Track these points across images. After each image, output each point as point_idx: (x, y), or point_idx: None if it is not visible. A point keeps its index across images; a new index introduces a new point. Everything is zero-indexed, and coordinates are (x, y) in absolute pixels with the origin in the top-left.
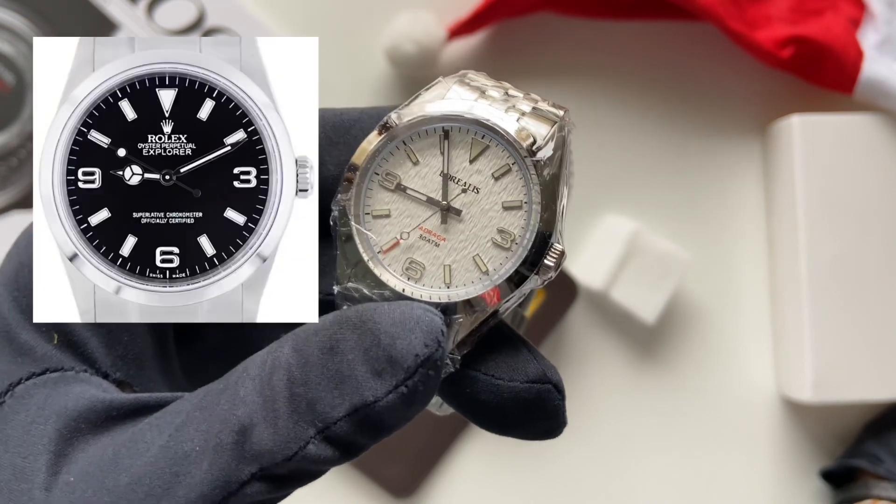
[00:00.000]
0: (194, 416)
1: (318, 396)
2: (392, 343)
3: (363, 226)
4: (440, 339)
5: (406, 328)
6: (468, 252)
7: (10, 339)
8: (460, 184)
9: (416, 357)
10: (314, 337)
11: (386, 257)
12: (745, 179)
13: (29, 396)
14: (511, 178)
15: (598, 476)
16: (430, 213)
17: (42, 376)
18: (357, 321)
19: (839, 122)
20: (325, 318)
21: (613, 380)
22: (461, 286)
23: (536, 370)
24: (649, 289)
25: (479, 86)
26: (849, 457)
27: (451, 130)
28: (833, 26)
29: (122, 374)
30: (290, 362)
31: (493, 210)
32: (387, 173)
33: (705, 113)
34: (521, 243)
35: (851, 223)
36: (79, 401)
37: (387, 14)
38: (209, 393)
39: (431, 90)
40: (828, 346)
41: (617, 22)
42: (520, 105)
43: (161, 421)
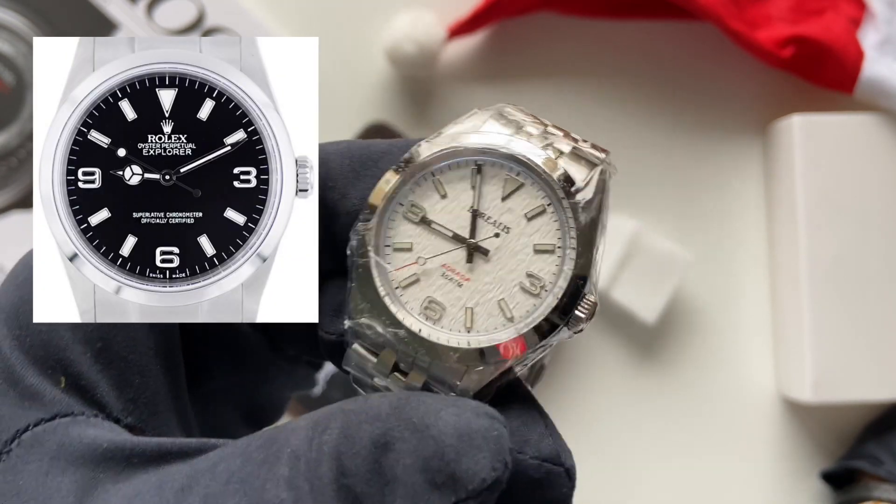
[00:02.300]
0: (234, 488)
1: (368, 492)
2: (457, 459)
3: (384, 258)
4: (507, 461)
5: (473, 444)
6: (493, 296)
7: (15, 383)
8: (490, 221)
9: (483, 481)
10: (367, 426)
11: (404, 294)
12: (745, 179)
13: (39, 444)
14: (545, 219)
15: (599, 476)
16: (455, 250)
17: (52, 422)
18: (419, 422)
19: (840, 122)
20: (381, 402)
21: (613, 380)
22: (483, 332)
23: (550, 449)
24: (650, 289)
25: (517, 120)
26: (849, 458)
27: (485, 165)
28: (833, 26)
29: (133, 418)
30: (339, 450)
31: (524, 252)
32: (412, 205)
33: (706, 113)
34: (550, 290)
35: (852, 223)
36: (96, 448)
37: (387, 14)
38: (247, 461)
39: (466, 121)
40: (828, 346)
41: (617, 22)
42: (558, 144)
43: (193, 482)
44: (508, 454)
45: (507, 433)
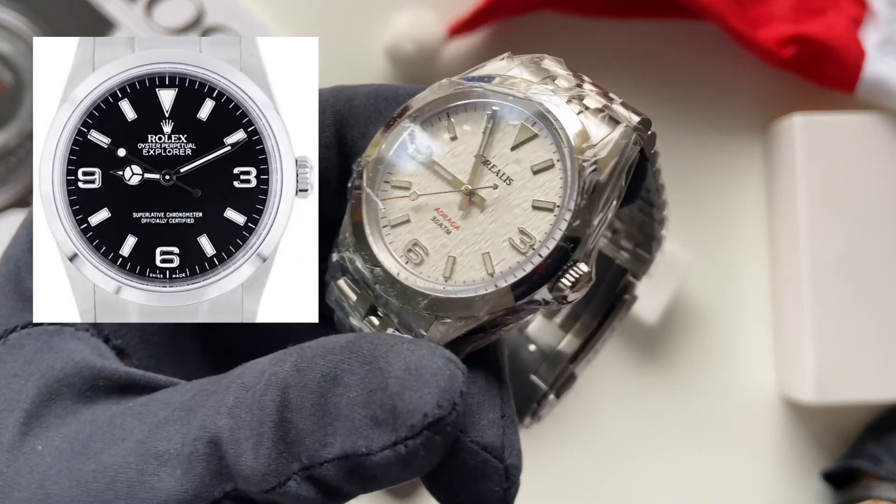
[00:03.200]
0: (178, 415)
1: (309, 429)
2: (400, 392)
3: (378, 193)
4: (456, 402)
5: (420, 378)
6: (479, 247)
7: (17, 283)
8: (493, 170)
9: (424, 416)
10: (320, 360)
11: (391, 233)
12: (746, 179)
13: (20, 347)
14: (551, 175)
15: (599, 476)
16: (451, 194)
17: (38, 327)
18: (369, 354)
19: (841, 122)
20: (338, 339)
21: (615, 380)
22: (460, 283)
23: (495, 439)
24: (651, 289)
25: (550, 70)
26: (850, 458)
27: (501, 110)
28: (835, 25)
29: (123, 341)
30: (287, 381)
31: (521, 207)
32: (420, 142)
33: (707, 112)
34: (538, 250)
35: (853, 223)
36: (67, 361)
37: (387, 13)
38: (200, 392)
39: (493, 63)
40: (829, 346)
41: (617, 21)
42: (588, 100)
43: (145, 410)
44: (459, 397)
45: (463, 378)
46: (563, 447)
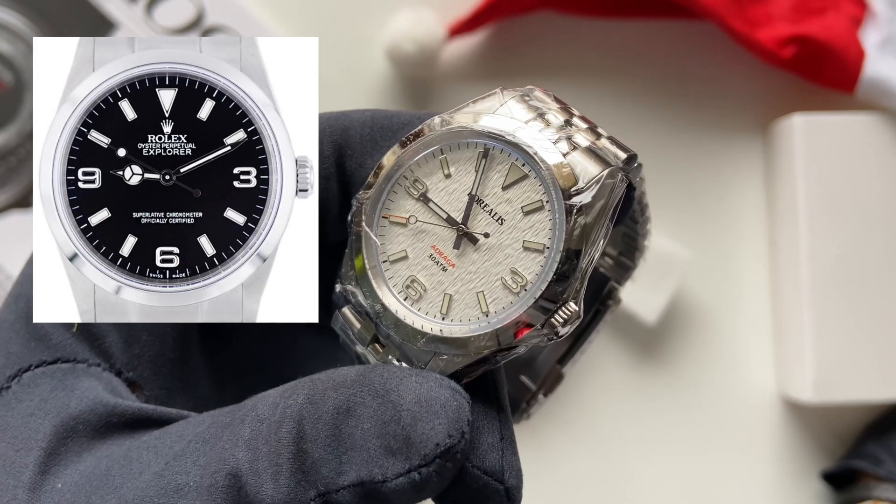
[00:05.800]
0: (193, 447)
1: (325, 458)
2: (413, 424)
3: (376, 230)
4: (465, 431)
5: (430, 410)
6: (474, 286)
7: (28, 320)
8: (486, 210)
9: (436, 446)
10: (332, 392)
11: (390, 269)
12: (746, 179)
13: (35, 386)
14: (541, 216)
15: (599, 476)
16: (446, 232)
17: (52, 366)
18: (381, 388)
19: (841, 122)
20: (348, 371)
21: (614, 380)
22: (456, 321)
23: (494, 463)
24: (650, 289)
25: (540, 106)
26: (850, 458)
27: (493, 150)
28: (835, 25)
29: (135, 374)
30: (302, 414)
31: (513, 247)
32: (415, 179)
33: (706, 112)
34: (530, 291)
35: (853, 223)
36: (82, 399)
37: (387, 14)
38: (214, 424)
39: (485, 101)
40: (829, 346)
41: (617, 21)
42: (576, 137)
43: (160, 443)
44: (467, 425)
45: (469, 408)
46: (562, 447)
